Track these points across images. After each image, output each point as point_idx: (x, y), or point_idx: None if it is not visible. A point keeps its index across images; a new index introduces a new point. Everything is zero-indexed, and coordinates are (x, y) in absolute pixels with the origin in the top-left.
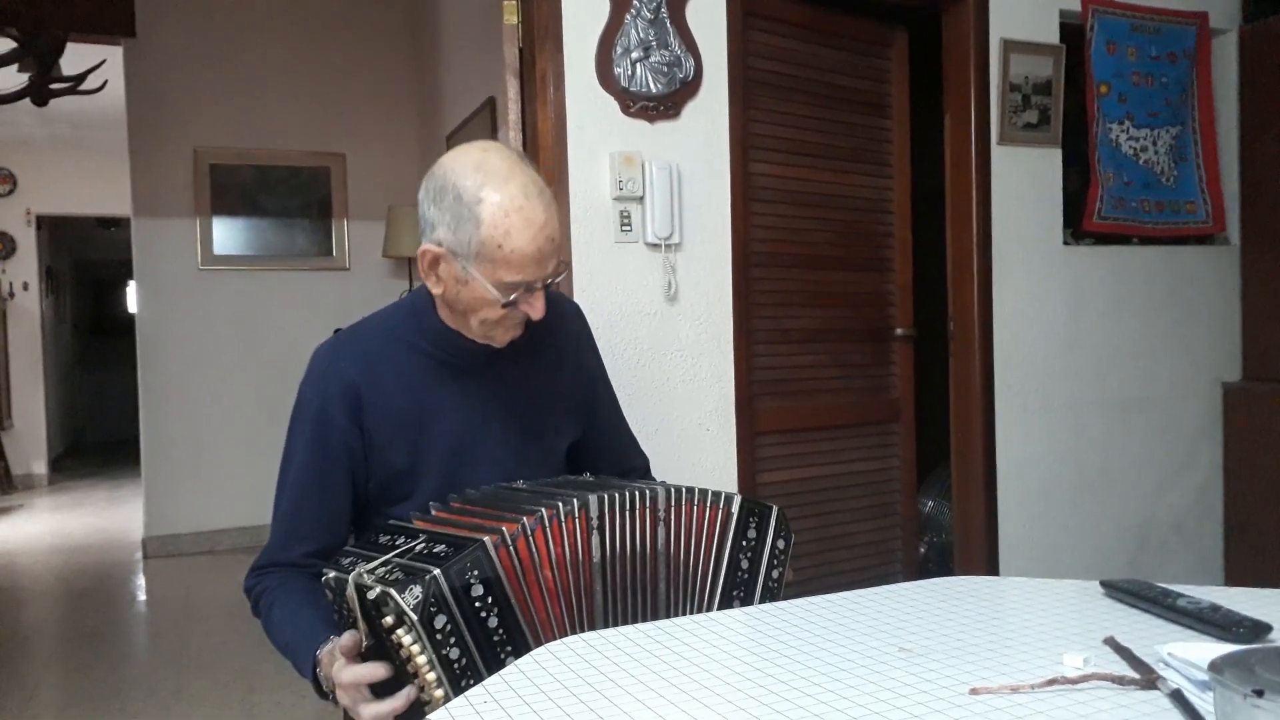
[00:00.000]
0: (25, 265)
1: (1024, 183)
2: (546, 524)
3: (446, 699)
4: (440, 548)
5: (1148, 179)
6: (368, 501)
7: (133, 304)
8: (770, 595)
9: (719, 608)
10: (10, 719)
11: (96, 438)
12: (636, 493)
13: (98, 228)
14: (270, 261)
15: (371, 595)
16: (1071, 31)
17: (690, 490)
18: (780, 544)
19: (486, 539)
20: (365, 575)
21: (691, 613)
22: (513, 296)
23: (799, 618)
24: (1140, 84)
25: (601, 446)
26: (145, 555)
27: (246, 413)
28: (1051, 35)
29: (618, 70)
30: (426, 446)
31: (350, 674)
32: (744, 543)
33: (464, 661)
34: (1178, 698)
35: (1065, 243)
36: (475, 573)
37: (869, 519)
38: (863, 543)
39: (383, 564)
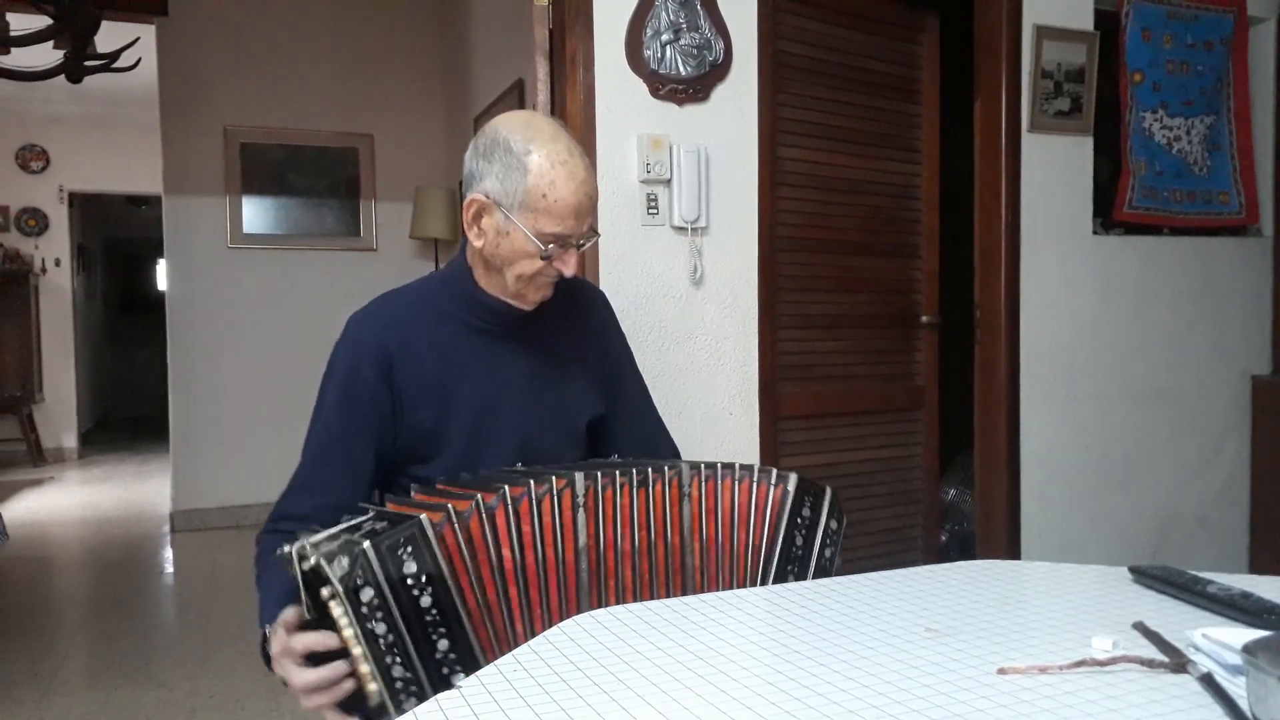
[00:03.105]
0: (57, 242)
1: (1054, 171)
2: (510, 502)
3: (373, 677)
4: (382, 524)
5: (1180, 169)
6: (394, 462)
7: (162, 281)
8: (823, 573)
9: (774, 582)
10: (41, 685)
11: (125, 413)
12: (649, 469)
13: (129, 205)
14: (299, 241)
15: (306, 565)
16: (1106, 18)
17: (730, 466)
18: (833, 524)
19: (424, 516)
20: (308, 547)
21: (737, 587)
22: (549, 247)
23: (824, 597)
24: (1175, 72)
25: (625, 430)
26: (172, 529)
27: (273, 390)
28: (1085, 22)
29: (647, 52)
30: (452, 410)
31: (277, 643)
32: (799, 520)
33: (390, 639)
34: (1208, 681)
35: (1095, 232)
36: (408, 549)
37: (891, 506)
38: (884, 529)
39: (329, 537)
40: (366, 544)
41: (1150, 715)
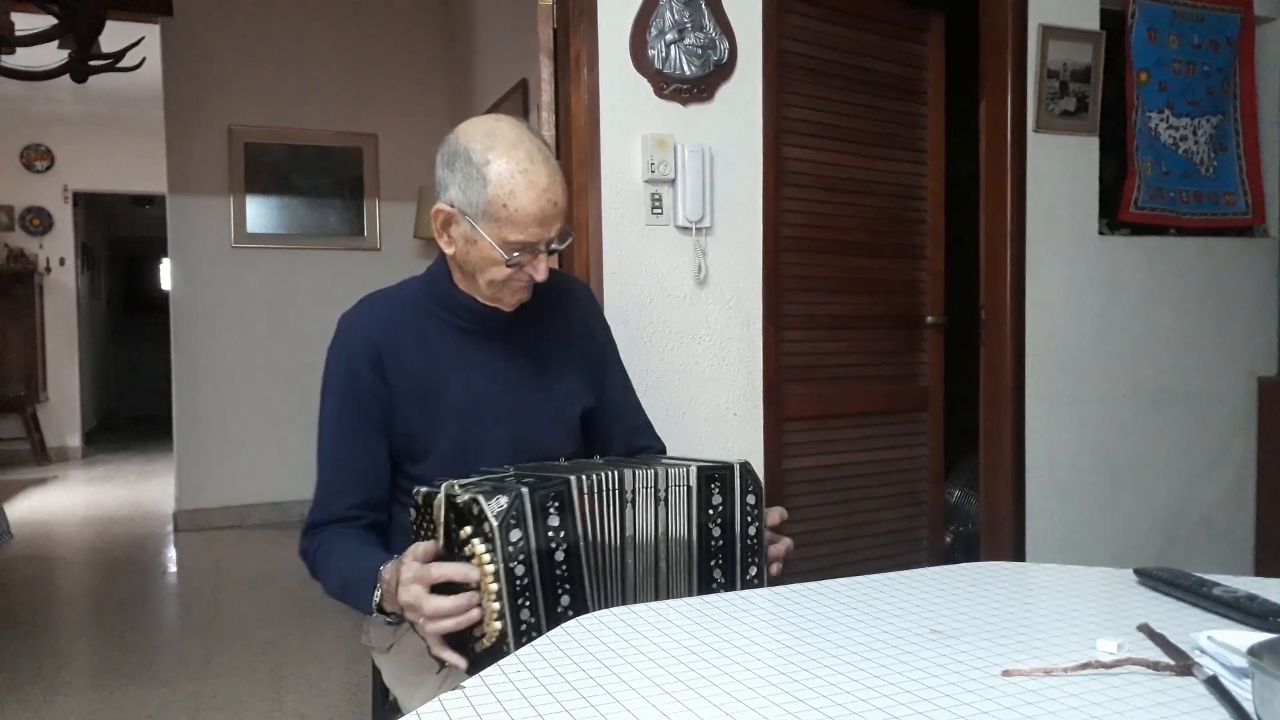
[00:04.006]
0: (62, 241)
1: (1060, 171)
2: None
3: (499, 615)
4: (529, 478)
5: (1186, 169)
6: (395, 460)
7: (166, 281)
8: (752, 552)
9: (699, 580)
10: (45, 684)
11: (129, 412)
12: (617, 473)
13: (133, 205)
14: (302, 241)
15: (460, 499)
16: (1112, 18)
17: (647, 471)
18: (750, 499)
19: (572, 478)
20: (456, 487)
21: (670, 595)
22: (516, 255)
23: (828, 599)
24: (1181, 72)
25: (611, 419)
26: (176, 528)
27: (277, 390)
28: (1091, 21)
29: (652, 52)
30: (440, 408)
31: (409, 570)
32: (710, 511)
33: (525, 581)
34: (1214, 684)
35: (1100, 232)
36: (555, 504)
37: (895, 507)
38: (887, 531)
39: (474, 483)
40: (525, 489)
41: (1155, 718)
